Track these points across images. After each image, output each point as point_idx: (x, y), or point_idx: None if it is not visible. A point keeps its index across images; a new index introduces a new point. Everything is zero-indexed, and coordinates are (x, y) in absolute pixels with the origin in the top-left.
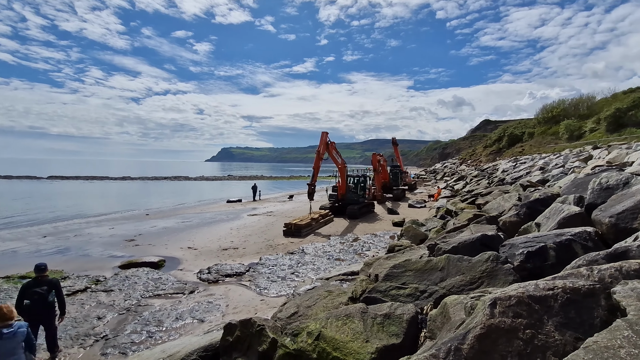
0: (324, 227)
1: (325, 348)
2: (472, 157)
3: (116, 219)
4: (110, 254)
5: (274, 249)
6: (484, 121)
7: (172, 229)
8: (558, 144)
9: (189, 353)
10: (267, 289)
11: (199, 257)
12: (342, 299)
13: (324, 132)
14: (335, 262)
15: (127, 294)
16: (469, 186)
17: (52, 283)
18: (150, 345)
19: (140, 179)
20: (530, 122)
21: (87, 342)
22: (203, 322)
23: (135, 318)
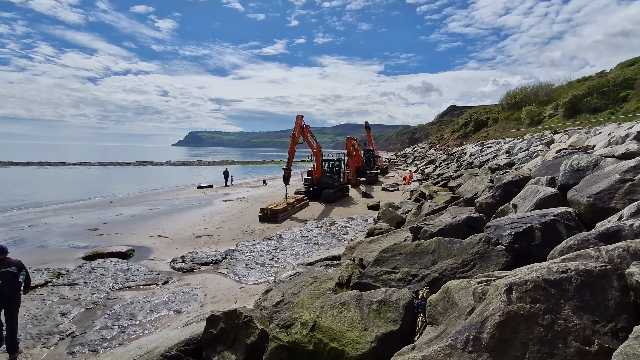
0: (300, 211)
1: (321, 339)
2: (440, 142)
3: (76, 207)
4: (72, 245)
5: (250, 234)
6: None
7: (140, 217)
8: (520, 129)
9: (169, 348)
10: (246, 277)
11: (171, 246)
12: (328, 285)
13: (299, 115)
14: (314, 247)
15: (94, 287)
16: (439, 170)
17: (19, 264)
18: (123, 341)
19: (102, 165)
20: (494, 108)
21: (51, 340)
22: (180, 313)
23: (104, 312)
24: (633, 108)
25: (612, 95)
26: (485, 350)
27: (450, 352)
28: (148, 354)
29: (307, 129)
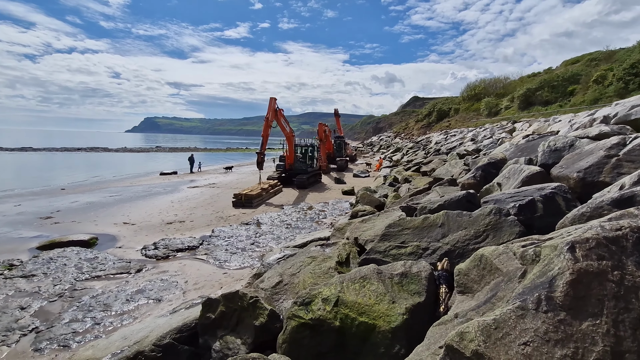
0: (274, 197)
1: (348, 314)
2: (405, 131)
3: (22, 194)
4: (22, 235)
5: (225, 220)
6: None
7: (99, 204)
8: (480, 119)
9: (160, 337)
10: (227, 262)
11: (140, 233)
12: (328, 264)
13: (272, 98)
14: (295, 231)
15: (56, 277)
16: (407, 157)
17: None
18: (99, 333)
19: (46, 150)
20: (456, 99)
21: (11, 337)
22: (161, 301)
23: (72, 305)
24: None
25: (561, 89)
26: (561, 309)
27: (523, 313)
28: (138, 343)
29: (280, 112)
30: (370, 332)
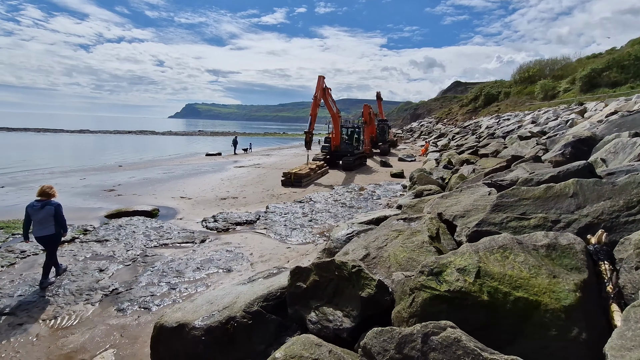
0: (321, 177)
1: (498, 287)
2: (448, 116)
3: (85, 170)
4: (90, 205)
5: (277, 198)
6: (455, 82)
7: (155, 180)
8: (534, 103)
9: (249, 303)
10: (288, 237)
11: (197, 207)
12: (420, 237)
13: (321, 76)
14: (351, 210)
15: (128, 243)
16: (454, 141)
17: None
18: (176, 298)
19: (101, 132)
20: (505, 83)
21: (94, 297)
22: (230, 271)
23: (146, 269)
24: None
25: (634, 69)
26: None
27: None
28: (227, 309)
29: (327, 91)
30: (532, 310)
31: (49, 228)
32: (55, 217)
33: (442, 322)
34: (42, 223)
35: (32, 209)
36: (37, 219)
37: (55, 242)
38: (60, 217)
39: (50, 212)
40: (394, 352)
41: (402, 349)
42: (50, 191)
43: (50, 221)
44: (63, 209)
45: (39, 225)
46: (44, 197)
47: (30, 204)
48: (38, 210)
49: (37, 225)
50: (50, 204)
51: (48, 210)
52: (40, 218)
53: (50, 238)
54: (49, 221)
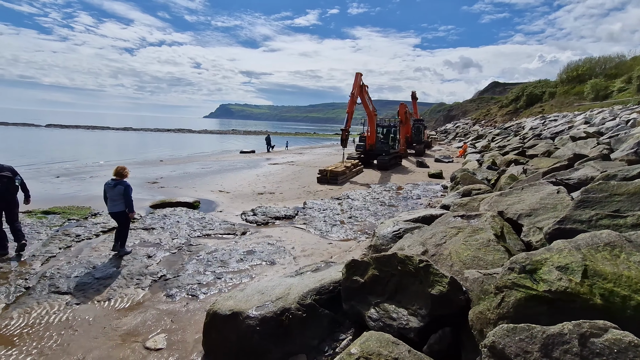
0: (356, 176)
1: (614, 290)
2: (485, 117)
3: (130, 163)
4: (136, 195)
5: (313, 194)
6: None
7: (194, 174)
8: (583, 103)
9: (302, 296)
10: (329, 233)
11: (235, 200)
12: (484, 235)
13: (358, 73)
14: (391, 209)
15: (173, 232)
16: (495, 143)
17: (11, 169)
18: (222, 287)
19: (142, 130)
20: (550, 83)
21: (144, 282)
22: (274, 264)
23: (191, 258)
24: None
25: None
26: None
27: None
28: (280, 299)
29: (365, 89)
30: None
31: (119, 205)
32: (124, 196)
33: (599, 322)
34: (114, 200)
35: (107, 187)
36: (110, 196)
37: (126, 218)
38: (127, 197)
39: (120, 191)
40: (540, 356)
41: (551, 352)
42: (123, 172)
43: (121, 199)
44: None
45: (112, 201)
46: (117, 177)
47: (107, 182)
48: (111, 188)
49: (110, 202)
50: (121, 184)
51: (119, 189)
52: (112, 195)
53: (119, 214)
54: (119, 199)
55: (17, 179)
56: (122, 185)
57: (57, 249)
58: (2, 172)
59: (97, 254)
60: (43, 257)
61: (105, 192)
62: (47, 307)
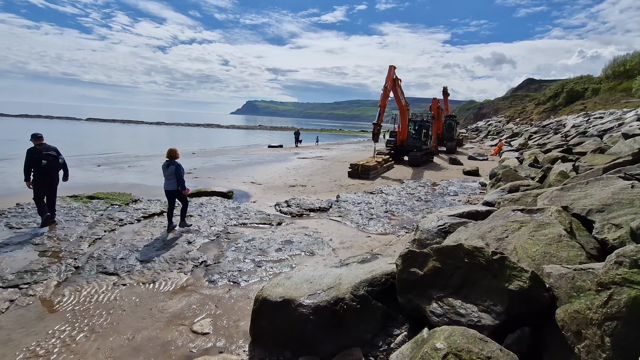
0: (387, 172)
1: None
2: (521, 115)
3: (164, 155)
4: None
5: (345, 188)
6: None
7: (226, 166)
8: (630, 100)
9: (355, 286)
10: (366, 226)
11: (268, 192)
12: (553, 230)
13: (392, 66)
14: (428, 204)
15: (210, 220)
16: (533, 141)
17: (56, 149)
18: (264, 275)
19: (174, 125)
20: (593, 79)
21: (186, 266)
22: (313, 255)
23: (230, 245)
24: None
25: None
26: None
27: None
28: (332, 289)
29: (397, 82)
30: None
31: (172, 184)
32: (176, 175)
33: None
34: (168, 179)
35: (163, 167)
36: (165, 175)
37: (178, 195)
38: (178, 176)
39: (172, 171)
40: None
41: None
42: (175, 154)
43: (173, 178)
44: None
45: (166, 180)
46: (170, 158)
47: (163, 163)
48: (165, 168)
49: (165, 181)
50: (173, 164)
51: (171, 169)
52: (166, 175)
53: (172, 192)
54: (172, 178)
55: (61, 158)
56: (174, 165)
57: (103, 231)
58: (49, 151)
59: (139, 238)
60: (90, 238)
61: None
62: (95, 287)
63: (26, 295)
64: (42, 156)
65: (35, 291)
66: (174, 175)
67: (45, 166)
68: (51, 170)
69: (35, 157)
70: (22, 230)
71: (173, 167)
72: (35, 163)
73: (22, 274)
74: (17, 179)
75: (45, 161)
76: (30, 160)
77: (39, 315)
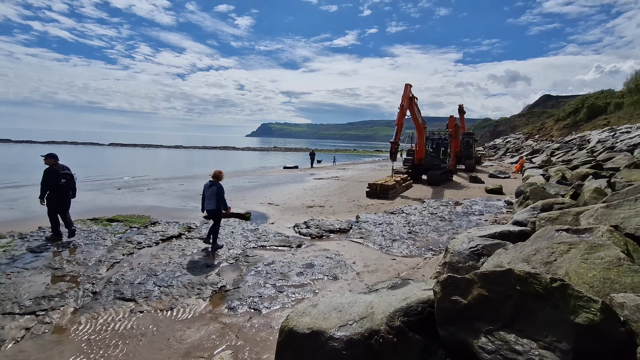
0: (406, 191)
1: None
2: (540, 132)
3: (182, 177)
4: (190, 206)
5: (365, 209)
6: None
7: (242, 187)
8: None
9: (390, 316)
10: (390, 248)
11: (286, 213)
12: (609, 252)
13: (407, 84)
14: (453, 224)
15: (228, 242)
16: (556, 157)
17: (69, 168)
18: (286, 301)
19: (192, 148)
20: (615, 93)
21: (205, 292)
22: (337, 279)
23: (249, 269)
24: None
25: None
26: None
27: None
28: (365, 319)
29: (414, 100)
30: None
31: (212, 204)
32: (217, 196)
33: None
34: (209, 199)
35: (205, 187)
36: (206, 195)
37: (217, 215)
38: (220, 196)
39: (214, 191)
40: None
41: None
42: (220, 175)
43: (214, 198)
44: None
45: (207, 200)
46: (214, 179)
47: (205, 183)
48: (207, 188)
49: (206, 200)
50: (215, 185)
51: (213, 189)
52: (208, 194)
53: (212, 212)
54: (213, 198)
55: (75, 176)
56: (215, 186)
57: (121, 255)
58: (65, 171)
59: (157, 261)
60: (108, 262)
61: (204, 192)
62: (112, 314)
63: (42, 323)
64: (60, 175)
65: (52, 318)
66: (214, 196)
67: (62, 185)
68: (67, 188)
69: (53, 176)
70: (43, 254)
71: (215, 188)
72: (53, 181)
73: (40, 299)
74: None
75: (64, 180)
76: (48, 180)
77: (54, 346)
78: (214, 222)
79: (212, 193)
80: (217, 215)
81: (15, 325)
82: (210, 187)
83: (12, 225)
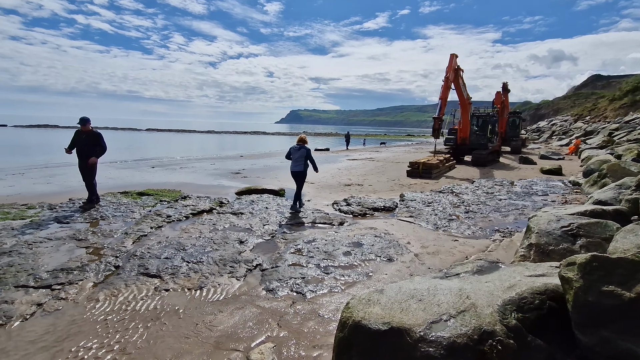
0: (450, 171)
1: None
2: (591, 113)
3: (214, 158)
4: (222, 183)
5: (407, 187)
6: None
7: (275, 167)
8: None
9: (500, 311)
10: (448, 228)
11: (322, 191)
12: None
13: (453, 54)
14: (516, 204)
15: (263, 218)
16: (618, 137)
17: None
18: (334, 284)
19: (223, 133)
20: None
21: (239, 270)
22: (392, 261)
23: (288, 247)
24: None
25: None
26: None
27: None
28: (464, 314)
29: (460, 72)
30: None
31: (300, 166)
32: (306, 157)
33: None
34: (297, 161)
35: (293, 149)
36: (294, 157)
37: (303, 177)
38: (311, 158)
39: (303, 154)
40: None
41: None
42: (306, 139)
43: (302, 161)
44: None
45: (294, 162)
46: (301, 142)
47: (292, 146)
48: (297, 151)
49: (293, 162)
50: (304, 148)
51: (302, 152)
52: (296, 157)
53: (300, 173)
54: (301, 160)
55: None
56: (304, 149)
57: (149, 228)
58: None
59: (187, 235)
60: (135, 235)
61: (290, 154)
62: (134, 291)
63: (57, 298)
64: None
65: (68, 294)
66: (303, 158)
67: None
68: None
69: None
70: (69, 225)
71: (304, 150)
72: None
73: (58, 272)
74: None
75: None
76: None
77: (65, 326)
78: (297, 186)
79: (301, 155)
80: (302, 179)
81: (26, 300)
82: (300, 150)
83: (46, 198)
